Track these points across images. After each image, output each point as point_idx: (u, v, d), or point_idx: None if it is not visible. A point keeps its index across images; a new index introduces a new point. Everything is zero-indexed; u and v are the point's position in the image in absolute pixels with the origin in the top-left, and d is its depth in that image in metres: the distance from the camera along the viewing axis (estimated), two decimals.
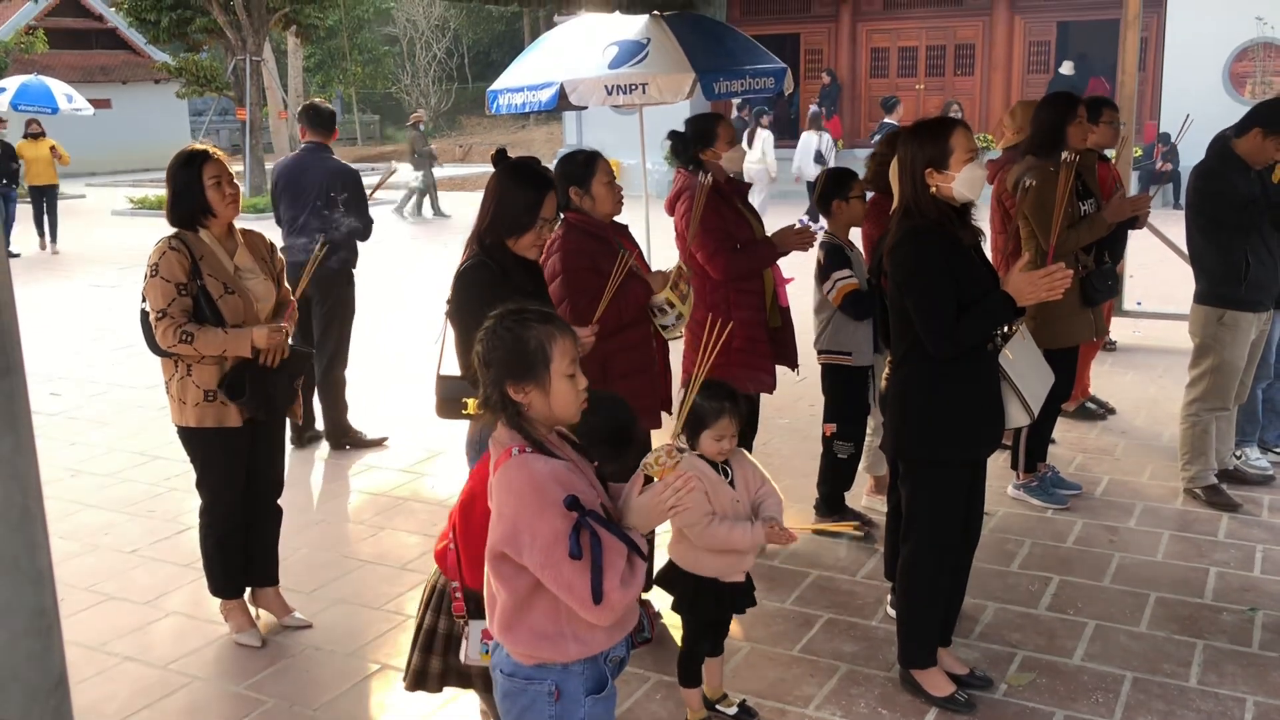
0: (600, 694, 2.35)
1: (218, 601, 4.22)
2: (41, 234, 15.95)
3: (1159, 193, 16.50)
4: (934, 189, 3.29)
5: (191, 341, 3.73)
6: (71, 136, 20.05)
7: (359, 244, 6.30)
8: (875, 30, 21.26)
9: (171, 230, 3.87)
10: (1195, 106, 7.06)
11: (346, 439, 6.46)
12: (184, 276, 3.76)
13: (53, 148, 15.91)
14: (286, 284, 4.11)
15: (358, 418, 6.57)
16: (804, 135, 15.68)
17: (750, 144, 14.39)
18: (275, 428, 4.17)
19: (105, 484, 5.95)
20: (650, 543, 3.55)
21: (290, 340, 4.02)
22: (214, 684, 3.88)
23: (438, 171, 20.08)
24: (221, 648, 4.13)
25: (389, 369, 8.07)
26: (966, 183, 3.26)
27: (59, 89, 21.47)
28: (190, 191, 3.81)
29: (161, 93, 31.87)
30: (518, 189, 3.36)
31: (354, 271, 6.37)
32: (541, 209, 3.35)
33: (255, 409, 3.91)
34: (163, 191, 4.12)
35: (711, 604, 3.36)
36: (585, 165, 3.98)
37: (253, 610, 4.26)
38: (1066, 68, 18.34)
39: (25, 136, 16.14)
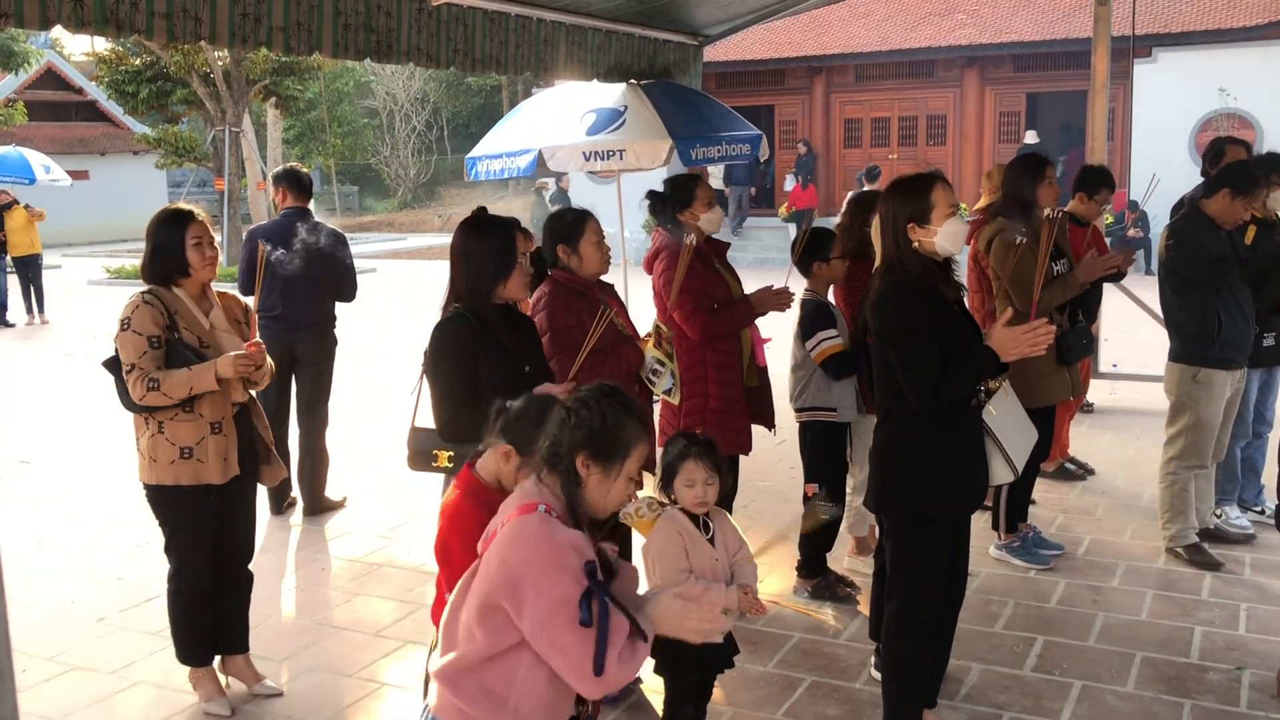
0: None
1: (186, 670, 4.10)
2: (29, 305, 15.61)
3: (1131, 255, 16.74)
4: (916, 244, 3.31)
5: (158, 387, 3.69)
6: (49, 208, 19.92)
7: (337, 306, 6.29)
8: (848, 102, 21.67)
9: (145, 287, 3.84)
10: (1162, 175, 7.20)
11: (322, 508, 6.37)
12: (157, 330, 3.73)
13: (27, 206, 15.59)
14: (258, 338, 4.05)
15: (331, 490, 6.48)
16: None
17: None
18: (247, 489, 4.09)
19: (72, 552, 5.82)
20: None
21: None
22: None
23: (417, 240, 20.14)
24: (190, 717, 4.00)
25: (363, 431, 8.00)
26: (949, 237, 3.28)
27: (36, 160, 21.46)
28: (170, 249, 3.81)
29: (140, 164, 31.99)
30: (486, 237, 3.38)
31: (336, 336, 6.34)
32: (517, 245, 3.35)
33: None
34: (139, 260, 4.11)
35: (695, 665, 3.29)
36: (574, 224, 3.98)
37: (222, 678, 4.14)
38: (1030, 137, 18.72)
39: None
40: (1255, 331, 5.11)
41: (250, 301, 4.20)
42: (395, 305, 16.88)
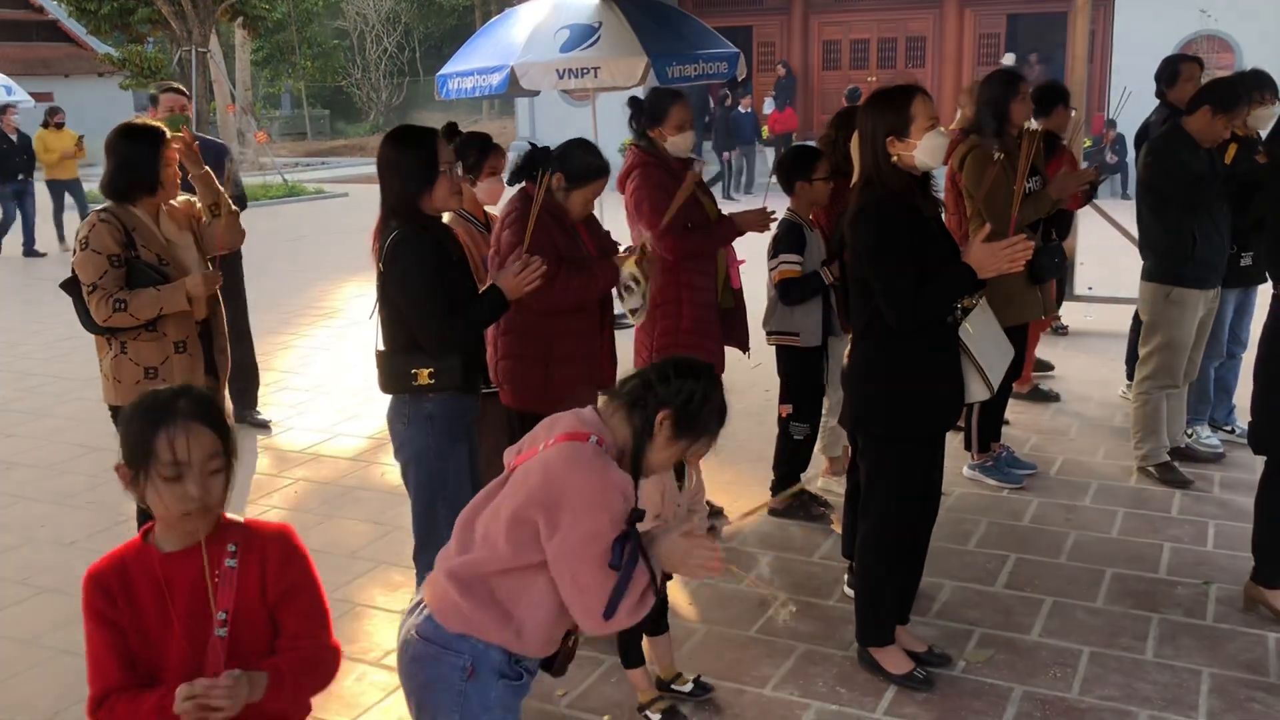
0: (515, 680, 2.27)
1: None
2: (61, 233, 14.20)
3: (1108, 181, 16.71)
4: (895, 158, 3.24)
5: (126, 308, 3.62)
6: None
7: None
8: (827, 23, 21.35)
9: (102, 205, 3.76)
10: (1141, 98, 7.12)
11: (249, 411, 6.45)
12: (117, 248, 3.65)
13: (80, 139, 14.25)
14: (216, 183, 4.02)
15: (303, 413, 6.44)
16: None
17: None
18: None
19: (43, 476, 5.77)
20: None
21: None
22: None
23: None
24: None
25: (333, 357, 7.93)
26: (928, 151, 3.22)
27: None
28: (141, 166, 3.71)
29: (105, 86, 31.22)
30: (406, 149, 3.31)
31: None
32: (439, 156, 3.28)
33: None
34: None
35: None
36: (584, 170, 3.81)
37: None
38: (1008, 59, 18.54)
39: (45, 125, 14.33)
40: (1233, 251, 5.10)
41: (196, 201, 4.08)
42: (367, 227, 16.67)
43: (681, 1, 19.70)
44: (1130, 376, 5.88)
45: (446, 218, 3.69)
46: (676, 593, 4.12)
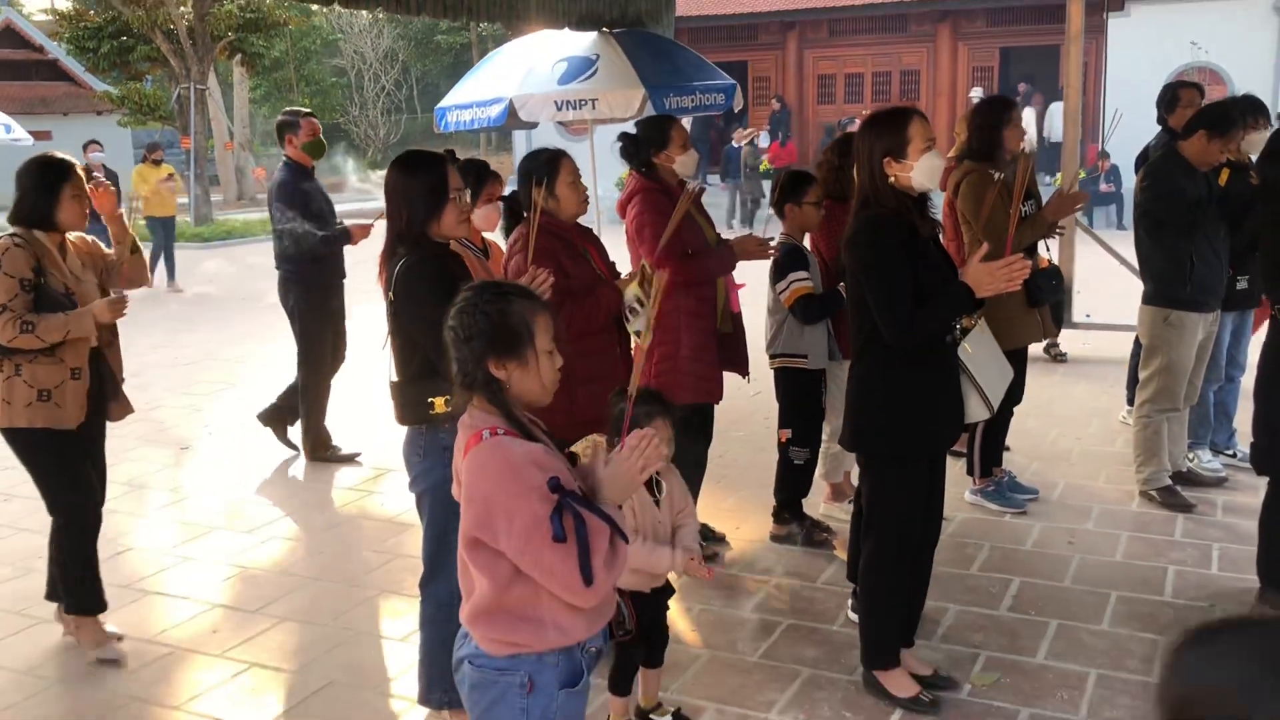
0: (574, 688, 2.25)
1: (160, 624, 4.06)
2: (171, 271, 13.84)
3: (1104, 210, 16.81)
4: (892, 179, 3.26)
5: (33, 330, 3.68)
6: (8, 167, 19.59)
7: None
8: (821, 57, 21.55)
9: (11, 230, 3.82)
10: (1134, 129, 7.18)
11: (324, 451, 6.37)
12: (29, 273, 3.73)
13: (171, 175, 13.94)
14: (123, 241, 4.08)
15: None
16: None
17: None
18: (95, 433, 4.07)
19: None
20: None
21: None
22: (154, 706, 3.71)
23: None
24: (159, 669, 3.96)
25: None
26: (925, 171, 3.24)
27: None
28: (45, 198, 3.79)
29: (103, 124, 31.25)
30: (415, 174, 3.30)
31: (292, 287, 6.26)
32: (449, 181, 3.28)
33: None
34: None
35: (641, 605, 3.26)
36: (549, 164, 3.90)
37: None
38: (976, 93, 18.73)
39: (143, 160, 13.96)
40: (1229, 274, 5.12)
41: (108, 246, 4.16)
42: (365, 260, 16.71)
43: (677, 35, 19.93)
44: (1131, 401, 5.88)
45: None
46: (677, 619, 4.09)
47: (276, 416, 6.52)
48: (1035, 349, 6.82)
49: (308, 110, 6.42)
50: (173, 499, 5.84)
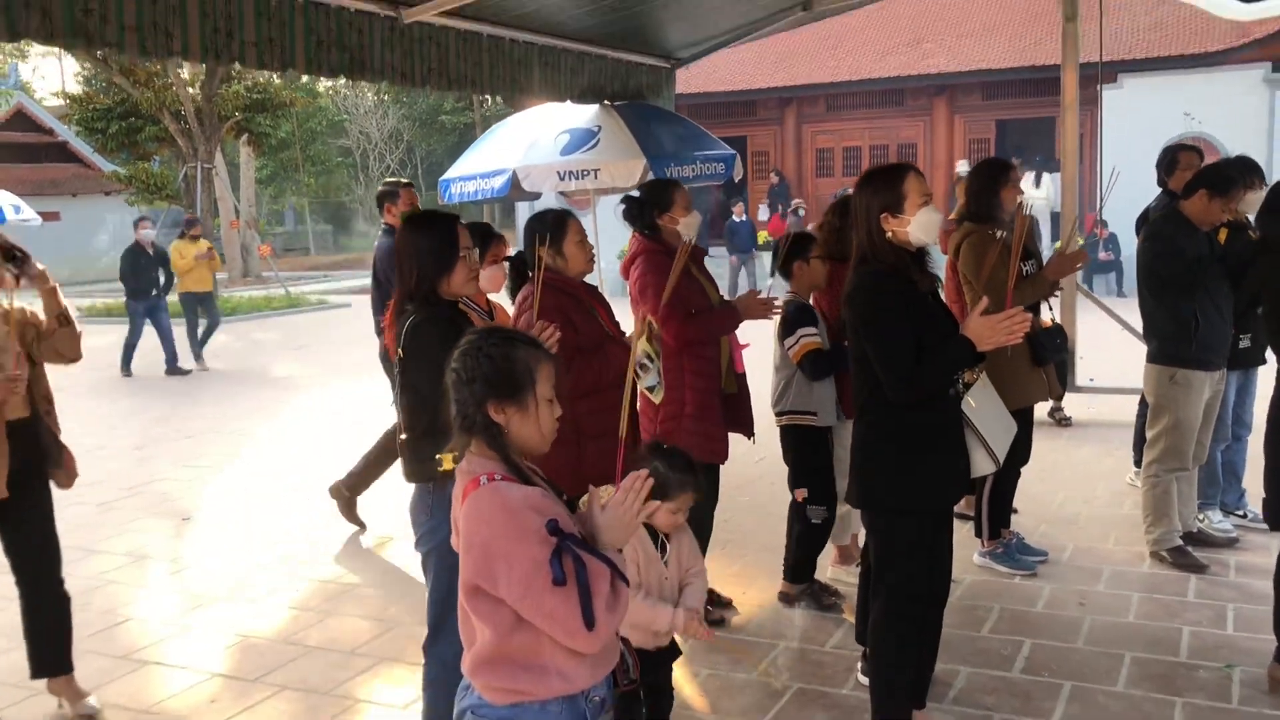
0: None
1: (158, 694, 3.99)
2: (198, 350, 13.26)
3: (1104, 278, 16.89)
4: (890, 234, 3.28)
5: None
6: None
7: None
8: (820, 132, 21.84)
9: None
10: (1130, 198, 7.25)
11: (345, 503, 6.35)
12: None
13: (210, 250, 13.56)
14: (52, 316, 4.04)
15: (306, 509, 6.37)
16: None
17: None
18: (26, 505, 3.91)
19: None
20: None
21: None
22: None
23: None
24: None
25: (336, 456, 7.88)
26: (922, 226, 3.26)
27: (6, 200, 21.30)
28: None
29: (111, 204, 31.80)
30: (424, 233, 3.33)
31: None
32: (459, 240, 3.30)
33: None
34: (110, 299, 4.14)
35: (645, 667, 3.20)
36: (556, 223, 3.94)
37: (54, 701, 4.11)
38: (961, 167, 18.87)
39: (181, 236, 13.60)
40: (1232, 333, 5.12)
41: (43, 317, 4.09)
42: (370, 335, 16.78)
43: (677, 111, 20.25)
44: (1138, 463, 5.84)
45: None
46: (684, 683, 4.02)
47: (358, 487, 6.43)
48: (1040, 413, 6.81)
49: (406, 181, 6.70)
50: (173, 569, 5.78)
